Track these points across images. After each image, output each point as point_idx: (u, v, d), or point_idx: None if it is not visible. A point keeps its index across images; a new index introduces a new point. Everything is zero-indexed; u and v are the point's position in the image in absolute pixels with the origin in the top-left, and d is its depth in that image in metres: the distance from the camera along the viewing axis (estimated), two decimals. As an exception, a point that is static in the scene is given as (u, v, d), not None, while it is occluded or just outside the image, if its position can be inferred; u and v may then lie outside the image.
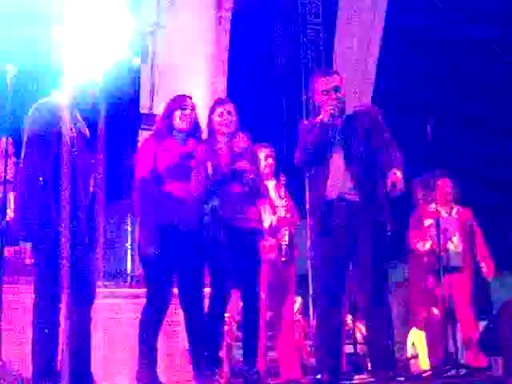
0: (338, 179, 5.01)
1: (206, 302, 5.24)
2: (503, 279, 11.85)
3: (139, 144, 5.29)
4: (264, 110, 11.71)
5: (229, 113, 5.41)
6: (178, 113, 5.28)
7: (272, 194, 6.78)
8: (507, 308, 5.90)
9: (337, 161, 5.05)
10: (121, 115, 9.07)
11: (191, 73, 10.13)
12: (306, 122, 5.37)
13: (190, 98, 5.40)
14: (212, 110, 5.49)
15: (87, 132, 4.88)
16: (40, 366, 4.51)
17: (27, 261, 6.34)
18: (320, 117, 5.08)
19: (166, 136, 5.23)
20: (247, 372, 5.25)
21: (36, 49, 7.41)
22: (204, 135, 5.44)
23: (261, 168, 6.03)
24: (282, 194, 6.78)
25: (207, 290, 5.25)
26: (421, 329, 7.59)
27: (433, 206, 7.20)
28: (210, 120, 5.46)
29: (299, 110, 11.86)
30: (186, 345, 5.29)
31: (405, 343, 8.05)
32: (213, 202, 5.15)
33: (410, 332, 8.03)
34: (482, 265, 7.25)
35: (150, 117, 9.60)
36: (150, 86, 9.80)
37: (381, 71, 10.41)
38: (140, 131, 9.68)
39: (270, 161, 6.83)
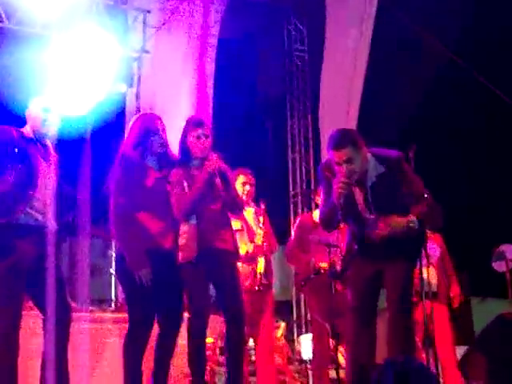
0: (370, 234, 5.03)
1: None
2: (486, 305, 11.90)
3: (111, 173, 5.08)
4: (249, 136, 11.76)
5: (206, 136, 5.17)
6: (153, 138, 5.04)
7: (250, 221, 6.72)
8: (491, 330, 5.91)
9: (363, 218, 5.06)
10: (106, 140, 9.09)
11: (176, 98, 10.19)
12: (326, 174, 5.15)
13: (160, 119, 5.16)
14: (187, 131, 5.21)
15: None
16: None
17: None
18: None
19: (140, 165, 5.02)
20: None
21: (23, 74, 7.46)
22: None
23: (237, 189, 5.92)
24: (261, 221, 6.74)
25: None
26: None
27: None
28: (185, 141, 5.21)
29: (285, 137, 11.92)
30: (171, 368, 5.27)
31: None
32: (191, 220, 5.11)
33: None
34: (451, 292, 7.30)
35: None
36: (135, 110, 9.85)
37: (366, 99, 10.47)
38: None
39: (248, 187, 6.68)
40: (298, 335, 10.68)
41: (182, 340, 5.16)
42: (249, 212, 6.69)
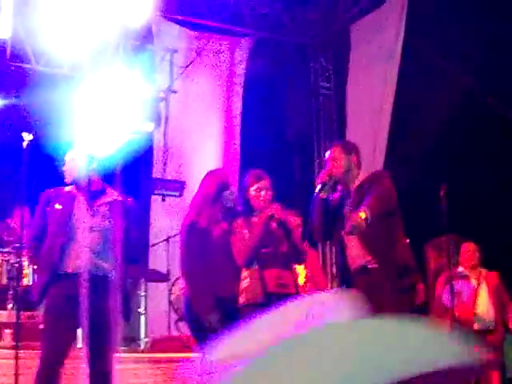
0: (354, 250, 4.97)
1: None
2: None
3: (184, 227, 5.36)
4: (277, 174, 11.72)
5: (267, 189, 5.42)
6: (226, 193, 5.36)
7: None
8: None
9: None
10: (134, 180, 9.11)
11: (204, 137, 10.22)
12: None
13: (230, 174, 5.42)
14: (249, 184, 5.46)
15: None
16: None
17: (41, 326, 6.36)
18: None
19: (214, 219, 5.29)
20: None
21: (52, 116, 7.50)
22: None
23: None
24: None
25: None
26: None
27: (460, 269, 7.27)
28: (247, 193, 5.45)
29: (312, 175, 11.88)
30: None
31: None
32: (253, 266, 5.20)
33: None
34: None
35: (163, 181, 9.68)
36: (162, 150, 9.88)
37: (393, 137, 10.42)
38: (153, 196, 9.74)
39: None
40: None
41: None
42: None
